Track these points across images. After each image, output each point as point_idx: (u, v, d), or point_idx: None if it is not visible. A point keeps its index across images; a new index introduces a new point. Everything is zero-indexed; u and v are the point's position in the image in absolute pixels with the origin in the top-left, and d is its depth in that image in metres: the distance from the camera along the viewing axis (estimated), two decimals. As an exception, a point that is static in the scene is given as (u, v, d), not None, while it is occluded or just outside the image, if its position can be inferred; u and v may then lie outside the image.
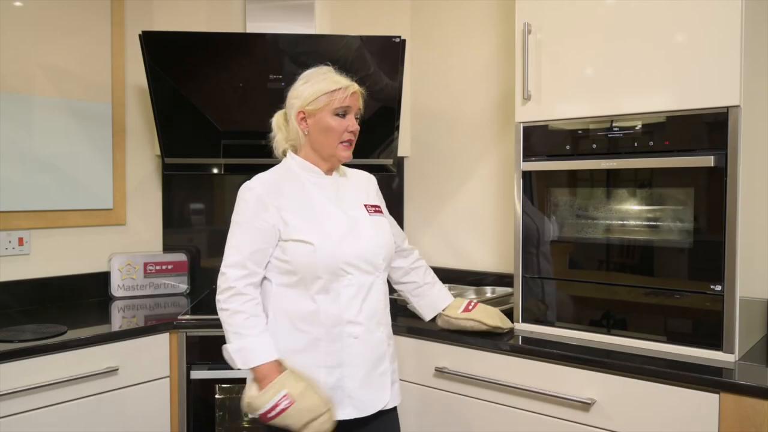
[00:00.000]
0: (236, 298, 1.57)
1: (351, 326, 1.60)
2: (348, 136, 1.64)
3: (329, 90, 1.60)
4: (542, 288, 1.96)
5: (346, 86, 1.62)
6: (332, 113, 1.61)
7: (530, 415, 1.80)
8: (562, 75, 1.88)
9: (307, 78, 1.65)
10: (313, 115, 1.62)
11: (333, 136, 1.62)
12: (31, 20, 2.41)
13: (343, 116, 1.63)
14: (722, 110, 1.61)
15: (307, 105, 1.62)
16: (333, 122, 1.61)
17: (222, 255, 1.63)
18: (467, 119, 2.66)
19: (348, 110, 1.63)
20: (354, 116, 1.66)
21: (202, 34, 2.42)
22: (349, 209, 1.67)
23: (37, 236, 2.46)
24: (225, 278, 1.59)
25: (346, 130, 1.63)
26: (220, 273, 1.60)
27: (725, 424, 1.49)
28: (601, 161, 1.81)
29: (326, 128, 1.62)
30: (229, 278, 1.58)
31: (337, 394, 1.58)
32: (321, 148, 1.65)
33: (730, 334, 1.62)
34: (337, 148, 1.64)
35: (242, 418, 2.32)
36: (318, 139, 1.64)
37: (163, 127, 2.42)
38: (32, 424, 1.85)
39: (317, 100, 1.61)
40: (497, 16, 2.55)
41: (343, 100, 1.61)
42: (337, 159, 1.66)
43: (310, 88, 1.62)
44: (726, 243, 1.62)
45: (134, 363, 2.09)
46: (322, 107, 1.61)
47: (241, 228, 1.61)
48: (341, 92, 1.61)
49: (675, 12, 1.68)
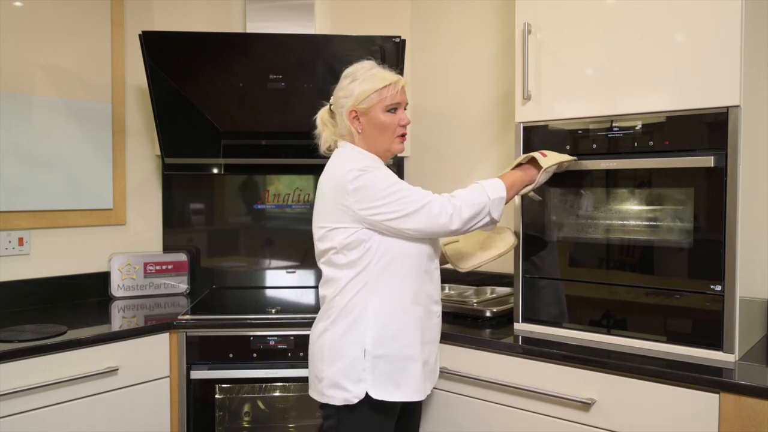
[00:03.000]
0: (448, 197, 1.66)
1: (435, 305, 1.75)
2: (401, 130, 1.71)
3: (379, 87, 1.66)
4: (542, 288, 1.96)
5: (395, 81, 1.68)
6: (384, 110, 1.67)
7: (530, 415, 1.80)
8: (562, 75, 1.89)
9: (354, 75, 1.69)
10: (365, 113, 1.67)
11: (388, 132, 1.69)
12: (31, 20, 2.41)
13: (394, 111, 1.69)
14: (722, 110, 1.61)
15: (359, 104, 1.66)
16: (386, 119, 1.68)
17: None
18: (467, 119, 2.66)
19: (398, 105, 1.70)
20: (404, 110, 1.73)
21: (202, 34, 2.42)
22: None
23: (37, 236, 2.46)
24: (437, 203, 1.63)
25: (399, 124, 1.70)
26: (425, 212, 1.62)
27: (725, 424, 1.49)
28: (600, 161, 1.81)
29: (380, 125, 1.68)
30: (438, 199, 1.64)
31: (427, 370, 1.71)
32: (377, 143, 1.70)
33: (730, 334, 1.62)
34: (393, 142, 1.71)
35: (242, 418, 2.33)
36: (373, 136, 1.69)
37: (163, 127, 2.42)
38: (32, 424, 1.85)
39: (368, 99, 1.66)
40: (497, 16, 2.55)
41: (394, 96, 1.67)
42: (393, 153, 1.74)
43: (359, 87, 1.66)
44: (726, 243, 1.62)
45: (134, 363, 2.09)
46: (374, 105, 1.66)
47: (399, 183, 1.64)
48: (391, 88, 1.67)
49: (675, 11, 1.68)
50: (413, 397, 1.66)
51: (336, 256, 1.67)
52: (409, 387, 1.65)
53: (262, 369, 2.18)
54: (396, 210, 1.60)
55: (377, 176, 1.62)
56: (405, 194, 1.62)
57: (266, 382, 2.27)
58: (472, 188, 1.71)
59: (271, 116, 2.44)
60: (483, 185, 1.71)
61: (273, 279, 2.86)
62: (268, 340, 2.19)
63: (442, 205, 1.63)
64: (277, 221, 2.87)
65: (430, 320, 1.72)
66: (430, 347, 1.74)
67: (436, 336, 1.77)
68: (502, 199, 1.70)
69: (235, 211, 2.88)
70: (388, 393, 1.62)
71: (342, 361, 1.64)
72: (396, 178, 1.65)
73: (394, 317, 1.64)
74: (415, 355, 1.66)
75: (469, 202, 1.66)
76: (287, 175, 2.84)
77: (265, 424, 2.36)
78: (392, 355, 1.63)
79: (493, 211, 1.69)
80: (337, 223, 1.64)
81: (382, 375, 1.62)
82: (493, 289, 2.45)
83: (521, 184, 1.79)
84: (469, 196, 1.68)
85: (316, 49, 2.36)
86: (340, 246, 1.65)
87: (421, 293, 1.68)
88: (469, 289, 2.48)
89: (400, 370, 1.64)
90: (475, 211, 1.66)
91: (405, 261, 1.66)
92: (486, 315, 2.11)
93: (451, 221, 1.64)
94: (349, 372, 1.63)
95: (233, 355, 2.19)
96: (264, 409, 2.37)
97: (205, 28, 2.70)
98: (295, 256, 2.88)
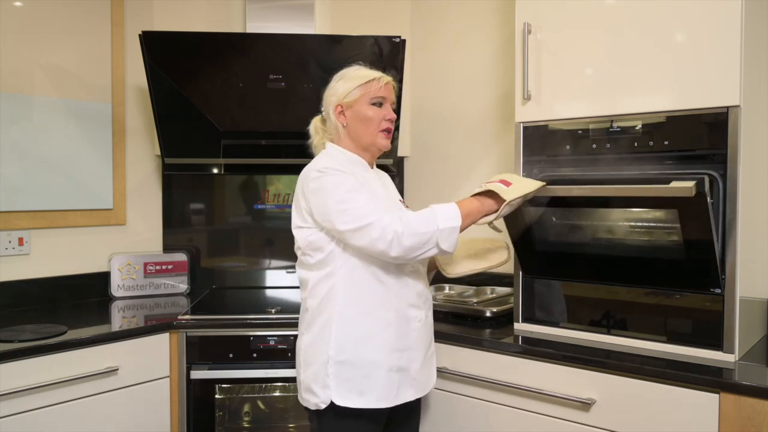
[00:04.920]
0: (394, 220, 1.53)
1: (414, 310, 1.68)
2: (386, 125, 1.69)
3: (364, 81, 1.67)
4: (542, 288, 1.96)
5: (379, 77, 1.69)
6: (369, 103, 1.67)
7: (530, 415, 1.80)
8: (562, 75, 1.88)
9: (341, 76, 1.71)
10: (350, 107, 1.68)
11: (372, 125, 1.68)
12: (31, 20, 2.41)
13: (379, 106, 1.68)
14: (722, 110, 1.61)
15: (344, 99, 1.67)
16: (370, 111, 1.67)
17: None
18: (467, 119, 2.66)
19: (384, 100, 1.69)
20: (390, 106, 1.71)
21: (202, 34, 2.42)
22: (396, 203, 1.76)
23: (37, 236, 2.46)
24: (378, 225, 1.52)
25: (383, 118, 1.68)
26: (364, 233, 1.53)
27: (725, 424, 1.49)
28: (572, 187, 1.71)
29: (364, 118, 1.67)
30: (381, 221, 1.52)
31: (403, 377, 1.65)
32: (360, 137, 1.70)
33: (730, 334, 1.62)
34: (377, 136, 1.69)
35: (242, 418, 2.33)
36: (357, 129, 1.69)
37: (163, 127, 2.42)
38: (32, 424, 1.85)
39: (353, 92, 1.67)
40: (497, 16, 2.55)
41: (378, 90, 1.67)
42: (377, 147, 1.72)
43: (345, 84, 1.68)
44: (726, 243, 1.61)
45: (134, 363, 2.09)
46: (358, 98, 1.67)
47: (352, 192, 1.56)
48: (376, 83, 1.67)
49: (675, 12, 1.68)
50: (379, 405, 1.60)
51: (304, 257, 1.67)
52: (374, 394, 1.60)
53: (262, 369, 2.18)
54: (343, 221, 1.54)
55: (333, 181, 1.57)
56: (352, 207, 1.54)
57: (266, 382, 2.27)
58: (423, 214, 1.57)
59: (271, 116, 2.44)
60: (435, 212, 1.58)
61: (273, 279, 2.86)
62: (268, 340, 2.19)
63: (383, 229, 1.52)
64: (277, 221, 2.87)
65: (406, 326, 1.65)
66: (411, 354, 1.66)
67: (419, 342, 1.69)
68: (454, 228, 1.56)
69: (235, 211, 2.88)
70: (351, 400, 1.58)
71: (313, 366, 1.63)
72: (352, 186, 1.57)
73: (358, 323, 1.60)
74: (380, 362, 1.60)
75: (414, 230, 1.53)
76: (287, 175, 2.84)
77: (265, 424, 2.36)
78: (355, 361, 1.59)
79: (441, 242, 1.55)
80: (301, 222, 1.65)
81: (345, 381, 1.59)
82: (493, 289, 2.45)
83: (478, 215, 1.66)
84: (415, 222, 1.54)
85: (316, 49, 2.36)
86: (304, 246, 1.65)
87: (391, 298, 1.62)
88: (469, 289, 2.48)
89: (364, 377, 1.59)
90: (419, 241, 1.54)
91: (371, 265, 1.61)
92: (486, 315, 2.11)
93: (390, 248, 1.52)
94: (317, 377, 1.61)
95: (233, 355, 2.19)
96: (264, 409, 2.37)
97: (205, 28, 2.70)
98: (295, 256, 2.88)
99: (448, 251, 1.59)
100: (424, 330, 1.71)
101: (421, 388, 1.71)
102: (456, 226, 1.57)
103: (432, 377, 1.78)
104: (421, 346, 1.69)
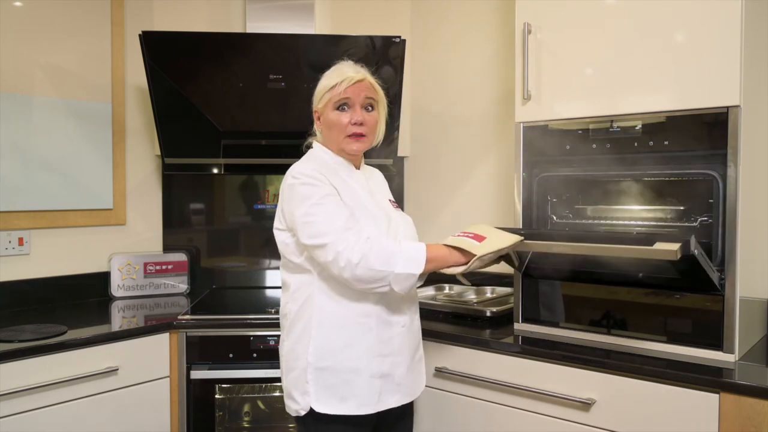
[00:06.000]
0: (351, 247, 1.47)
1: (397, 315, 1.63)
2: (353, 129, 1.60)
3: (330, 85, 1.60)
4: (542, 288, 1.96)
5: (343, 79, 1.59)
6: (332, 108, 1.61)
7: (530, 415, 1.80)
8: (562, 75, 1.88)
9: (324, 75, 1.66)
10: (322, 112, 1.65)
11: (335, 131, 1.62)
12: (31, 20, 2.41)
13: (344, 109, 1.61)
14: (722, 110, 1.61)
15: (317, 104, 1.65)
16: (333, 117, 1.62)
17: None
18: (467, 119, 2.66)
19: (348, 101, 1.60)
20: (362, 107, 1.62)
21: (202, 34, 2.42)
22: (383, 205, 1.71)
23: (37, 236, 2.46)
24: (333, 248, 1.48)
25: (349, 123, 1.60)
26: (321, 251, 1.50)
27: (725, 424, 1.49)
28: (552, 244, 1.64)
29: (329, 123, 1.63)
30: (336, 244, 1.48)
31: (386, 383, 1.60)
32: (331, 143, 1.67)
33: (730, 334, 1.62)
34: (344, 141, 1.63)
35: (242, 418, 2.33)
36: (327, 136, 1.66)
37: (163, 127, 2.42)
38: (32, 424, 1.85)
39: (322, 98, 1.63)
40: (497, 16, 2.55)
41: (340, 93, 1.58)
42: (347, 152, 1.65)
43: (318, 86, 1.65)
44: (726, 243, 1.61)
45: (134, 363, 2.09)
46: (326, 103, 1.62)
47: (318, 206, 1.52)
48: (339, 86, 1.58)
49: (675, 12, 1.68)
50: (360, 411, 1.57)
51: (284, 259, 1.65)
52: (355, 401, 1.56)
53: (262, 369, 2.18)
54: (307, 235, 1.52)
55: (302, 193, 1.54)
56: (314, 221, 1.51)
57: (266, 382, 2.26)
58: (387, 250, 1.50)
59: (271, 116, 2.44)
60: (402, 251, 1.51)
61: (273, 279, 2.86)
62: (268, 340, 2.19)
63: (338, 254, 1.48)
64: (277, 221, 2.87)
65: (389, 331, 1.60)
66: (394, 359, 1.61)
67: (403, 347, 1.64)
68: (410, 275, 1.50)
69: (235, 211, 2.88)
70: (331, 406, 1.55)
71: (293, 372, 1.61)
72: (321, 198, 1.53)
73: (338, 329, 1.57)
74: (360, 368, 1.56)
75: (370, 265, 1.48)
76: (287, 175, 2.84)
77: (265, 424, 2.36)
78: (336, 367, 1.56)
79: (395, 284, 1.50)
80: (280, 224, 1.64)
81: (324, 388, 1.56)
82: (493, 289, 2.45)
83: (443, 264, 1.57)
84: (375, 257, 1.48)
85: (316, 49, 2.36)
86: (283, 248, 1.64)
87: (372, 304, 1.58)
88: (469, 289, 2.48)
89: (344, 383, 1.56)
90: (371, 276, 1.49)
91: None
92: (486, 315, 2.11)
93: (342, 273, 1.49)
94: (297, 383, 1.59)
95: (233, 355, 2.19)
96: (264, 409, 2.37)
97: (205, 28, 2.70)
98: (295, 256, 2.88)
99: (400, 294, 1.56)
100: (409, 335, 1.66)
101: (407, 393, 1.66)
102: (414, 274, 1.51)
103: (420, 382, 1.73)
104: (405, 351, 1.64)
